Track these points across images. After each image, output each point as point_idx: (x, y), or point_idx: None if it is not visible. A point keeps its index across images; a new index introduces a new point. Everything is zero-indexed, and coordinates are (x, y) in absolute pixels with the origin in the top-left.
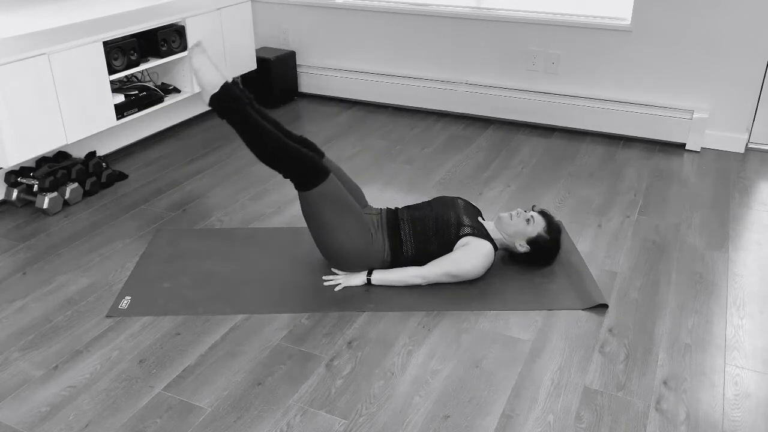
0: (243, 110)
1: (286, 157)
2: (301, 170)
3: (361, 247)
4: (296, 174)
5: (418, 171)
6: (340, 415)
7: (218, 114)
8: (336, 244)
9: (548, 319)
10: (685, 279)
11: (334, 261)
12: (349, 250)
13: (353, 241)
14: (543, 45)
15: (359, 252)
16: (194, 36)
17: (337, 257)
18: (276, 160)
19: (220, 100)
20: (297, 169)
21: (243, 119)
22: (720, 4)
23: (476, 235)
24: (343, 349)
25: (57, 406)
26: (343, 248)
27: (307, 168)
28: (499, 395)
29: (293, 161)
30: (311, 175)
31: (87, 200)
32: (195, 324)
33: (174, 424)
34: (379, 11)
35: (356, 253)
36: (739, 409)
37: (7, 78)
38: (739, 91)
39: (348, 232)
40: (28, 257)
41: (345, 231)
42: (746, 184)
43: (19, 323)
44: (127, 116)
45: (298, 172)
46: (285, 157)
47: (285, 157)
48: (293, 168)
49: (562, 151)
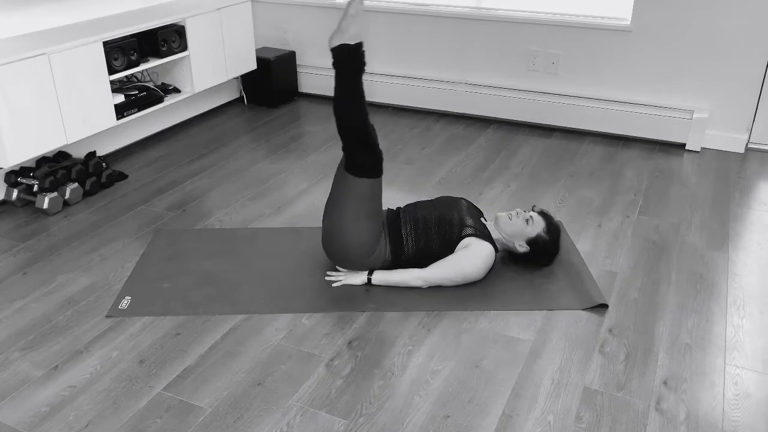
0: (360, 72)
1: (364, 134)
2: (366, 154)
3: (366, 250)
4: (359, 155)
5: (418, 171)
6: (340, 415)
7: (337, 62)
8: (346, 238)
9: (548, 319)
10: (685, 279)
11: (336, 257)
12: (355, 249)
13: (362, 243)
14: (543, 45)
15: (363, 254)
16: (194, 36)
17: (342, 252)
18: (353, 131)
19: (350, 52)
20: (364, 150)
21: (354, 79)
22: (720, 4)
23: (478, 236)
24: (343, 349)
25: (57, 406)
26: (350, 245)
27: (372, 156)
28: (499, 395)
29: (367, 141)
30: (371, 164)
31: (87, 200)
32: (195, 324)
33: (174, 424)
34: (380, 11)
35: (360, 254)
36: (739, 409)
37: (7, 78)
38: (739, 91)
39: (361, 232)
40: (28, 257)
41: (359, 229)
42: (746, 184)
43: (19, 323)
44: (127, 116)
45: (362, 153)
46: (363, 133)
47: (363, 134)
48: (362, 148)
49: (562, 151)
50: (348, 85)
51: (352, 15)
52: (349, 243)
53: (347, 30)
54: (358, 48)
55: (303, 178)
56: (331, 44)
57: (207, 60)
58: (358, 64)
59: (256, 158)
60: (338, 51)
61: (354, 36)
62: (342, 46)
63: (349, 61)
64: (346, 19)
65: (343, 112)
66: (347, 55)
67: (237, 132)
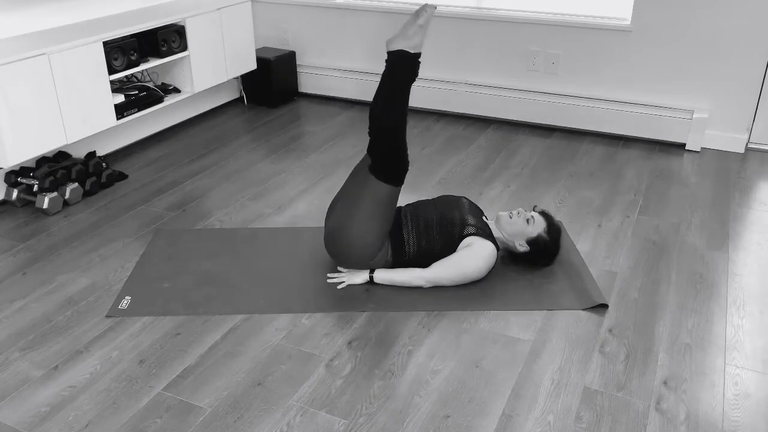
0: (412, 81)
1: (399, 141)
2: (395, 160)
3: (369, 252)
4: (388, 159)
5: (419, 171)
6: (340, 415)
7: (392, 66)
8: (352, 237)
9: (548, 319)
10: (685, 279)
11: (338, 255)
12: (359, 249)
13: (366, 243)
14: (543, 45)
15: (366, 255)
16: (194, 36)
17: (345, 251)
18: (389, 136)
19: (410, 60)
20: (394, 156)
21: (403, 86)
22: (720, 4)
23: (480, 235)
24: (343, 349)
25: (57, 406)
26: (355, 245)
27: (400, 164)
28: (499, 395)
29: (397, 145)
30: (398, 171)
31: (87, 200)
32: (195, 324)
33: (174, 424)
34: (379, 11)
35: (363, 255)
36: (739, 409)
37: (7, 78)
38: (739, 91)
39: (369, 233)
40: (28, 257)
41: (367, 230)
42: (746, 184)
43: (19, 323)
44: (127, 116)
45: (392, 158)
46: (399, 139)
47: (398, 140)
48: (393, 153)
49: (562, 151)
50: (396, 91)
51: (420, 25)
52: (354, 242)
53: (412, 38)
54: (416, 57)
55: (303, 178)
56: (391, 47)
57: (207, 60)
58: (413, 74)
59: (256, 158)
60: (397, 56)
61: (416, 45)
62: (402, 51)
63: (406, 68)
64: (413, 27)
65: (384, 115)
66: (405, 63)
67: (237, 132)
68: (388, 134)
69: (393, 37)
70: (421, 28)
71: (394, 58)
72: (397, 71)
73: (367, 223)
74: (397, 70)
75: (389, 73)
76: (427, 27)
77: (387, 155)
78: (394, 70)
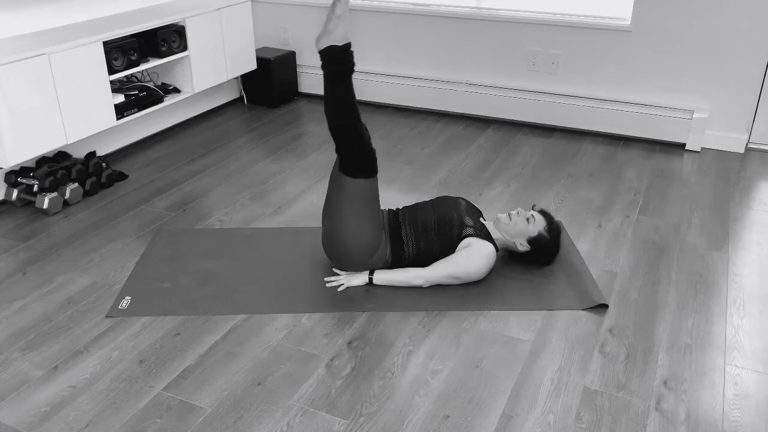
0: (349, 73)
1: (355, 134)
2: (359, 154)
3: (368, 251)
4: (352, 155)
5: (419, 171)
6: (340, 415)
7: (325, 63)
8: (347, 240)
9: (548, 319)
10: (685, 279)
11: (337, 258)
12: (357, 250)
13: (363, 243)
14: (543, 45)
15: (365, 254)
16: (194, 36)
17: (343, 253)
18: (345, 132)
19: (339, 53)
20: (357, 150)
21: (344, 80)
22: (720, 5)
23: (479, 236)
24: (343, 349)
25: (57, 406)
26: (352, 246)
27: (365, 155)
28: (499, 395)
29: (359, 141)
30: (365, 163)
31: (87, 200)
32: (195, 324)
33: (174, 424)
34: (379, 11)
35: (362, 254)
36: (739, 409)
37: (7, 78)
38: (739, 91)
39: (361, 232)
40: (28, 257)
41: (360, 230)
42: (746, 184)
43: (19, 323)
44: (127, 116)
45: (356, 153)
46: (354, 133)
47: (354, 134)
48: (354, 148)
49: (562, 151)
50: (338, 86)
51: (338, 16)
52: (350, 244)
53: (334, 31)
54: (346, 49)
55: (303, 178)
56: (319, 46)
57: (207, 60)
58: (347, 65)
59: (256, 158)
60: (327, 53)
61: (341, 37)
62: (330, 48)
63: (338, 62)
64: (332, 20)
65: (334, 113)
66: (336, 57)
67: (237, 132)
68: (346, 130)
69: (317, 36)
70: (340, 19)
71: (326, 56)
72: (332, 68)
73: (358, 224)
74: (332, 66)
75: (326, 72)
76: (346, 16)
77: (352, 150)
78: (329, 68)
